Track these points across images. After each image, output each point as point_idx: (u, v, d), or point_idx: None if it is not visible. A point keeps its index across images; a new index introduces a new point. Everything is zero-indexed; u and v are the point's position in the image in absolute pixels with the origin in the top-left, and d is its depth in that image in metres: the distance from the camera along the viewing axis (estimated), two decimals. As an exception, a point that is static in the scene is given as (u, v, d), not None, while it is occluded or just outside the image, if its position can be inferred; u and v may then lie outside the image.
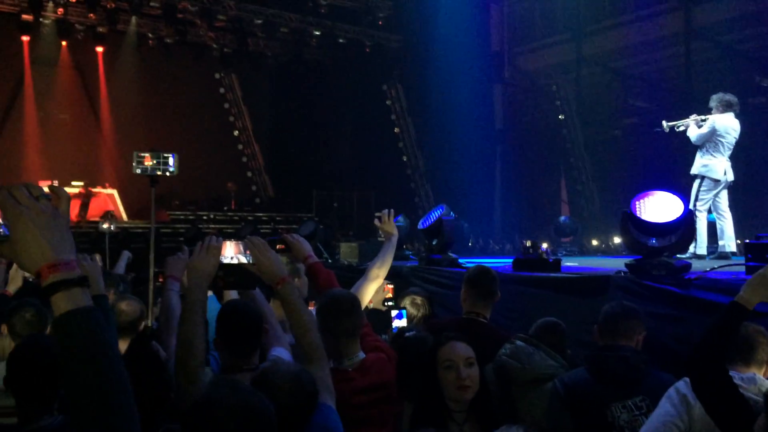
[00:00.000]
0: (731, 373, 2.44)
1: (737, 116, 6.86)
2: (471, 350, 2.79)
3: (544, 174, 17.68)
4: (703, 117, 6.98)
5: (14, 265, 3.76)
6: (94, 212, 14.84)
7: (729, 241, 6.59)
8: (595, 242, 12.31)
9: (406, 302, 4.00)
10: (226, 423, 1.54)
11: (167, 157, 3.68)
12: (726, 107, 6.78)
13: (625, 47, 15.88)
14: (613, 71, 16.71)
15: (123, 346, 3.18)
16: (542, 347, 3.08)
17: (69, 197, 1.38)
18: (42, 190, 1.34)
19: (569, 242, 9.86)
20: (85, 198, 15.25)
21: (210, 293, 3.82)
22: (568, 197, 17.22)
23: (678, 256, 6.05)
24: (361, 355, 2.89)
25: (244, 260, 2.60)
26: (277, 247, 3.91)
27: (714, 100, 6.88)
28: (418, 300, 3.98)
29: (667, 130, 7.32)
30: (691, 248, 6.83)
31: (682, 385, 2.53)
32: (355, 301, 2.99)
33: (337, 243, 9.25)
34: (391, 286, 4.02)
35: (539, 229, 13.86)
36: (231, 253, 2.59)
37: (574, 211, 16.34)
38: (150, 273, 3.91)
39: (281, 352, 2.88)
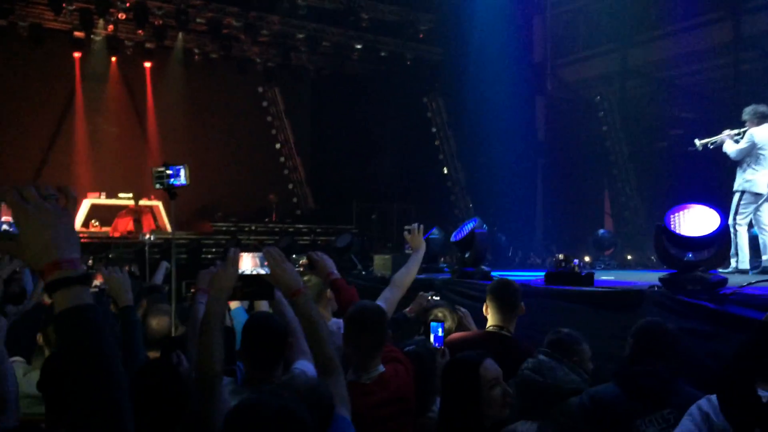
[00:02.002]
0: (759, 392, 2.37)
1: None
2: None
3: (587, 186, 17.38)
4: (737, 131, 6.81)
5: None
6: (146, 229, 15.26)
7: (773, 256, 6.38)
8: (637, 256, 12.03)
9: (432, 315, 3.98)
10: (267, 425, 1.58)
11: (178, 170, 3.77)
12: (761, 119, 6.60)
13: (671, 58, 15.55)
14: (659, 82, 16.37)
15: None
16: (565, 362, 3.03)
17: (76, 197, 1.42)
18: (51, 189, 1.38)
19: (609, 255, 9.67)
20: (136, 215, 15.66)
21: (239, 304, 3.90)
22: (612, 210, 16.91)
23: (720, 271, 5.91)
24: (381, 368, 2.90)
25: (263, 272, 2.63)
26: (301, 263, 3.97)
27: (747, 113, 6.70)
28: (440, 314, 3.96)
29: (701, 148, 7.16)
30: (734, 263, 6.65)
31: (705, 402, 2.47)
32: (382, 315, 3.00)
33: (374, 255, 9.26)
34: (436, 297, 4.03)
35: (581, 243, 13.62)
36: (249, 265, 2.63)
37: (618, 224, 16.02)
38: (172, 286, 3.99)
39: (305, 365, 2.90)
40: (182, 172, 3.77)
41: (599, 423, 2.76)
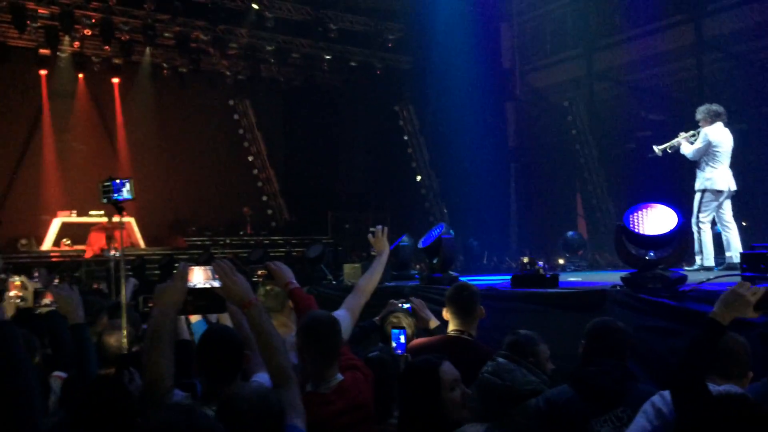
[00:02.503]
0: (711, 386, 2.41)
1: (726, 125, 6.82)
2: None
3: (559, 190, 17.54)
4: (692, 132, 6.95)
5: (5, 295, 3.83)
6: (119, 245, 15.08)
7: (736, 252, 6.48)
8: (609, 257, 12.15)
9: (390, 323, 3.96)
10: None
11: (122, 183, 3.75)
12: (714, 117, 6.75)
13: (637, 61, 15.80)
14: (625, 85, 16.62)
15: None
16: (524, 363, 3.04)
17: None
18: None
19: (580, 257, 9.78)
20: (109, 232, 15.49)
21: (200, 318, 3.86)
22: (584, 212, 17.07)
23: (686, 268, 6.00)
24: (339, 377, 2.88)
25: (216, 284, 2.61)
26: (259, 273, 3.95)
27: (701, 113, 6.85)
28: (394, 319, 3.93)
29: (660, 153, 7.31)
30: (699, 261, 6.75)
31: (657, 398, 2.50)
32: (334, 324, 2.97)
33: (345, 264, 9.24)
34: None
35: (555, 245, 13.74)
36: (200, 278, 2.61)
37: (590, 225, 16.18)
38: (122, 300, 3.97)
39: (264, 378, 2.88)
40: (125, 187, 3.73)
41: (555, 425, 2.78)
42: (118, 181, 3.71)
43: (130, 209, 16.02)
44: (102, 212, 15.71)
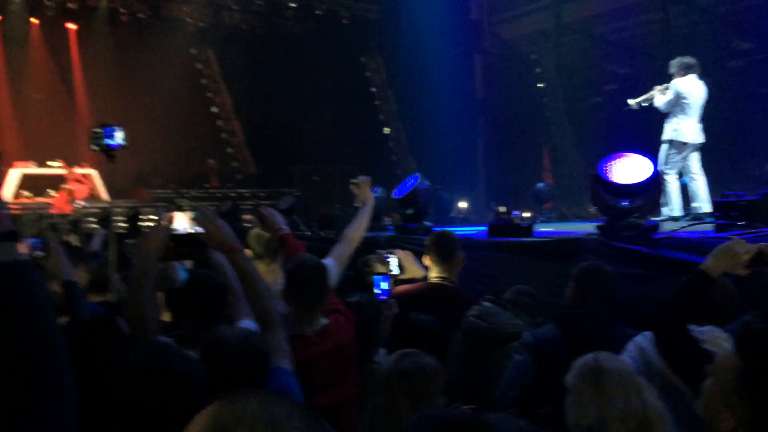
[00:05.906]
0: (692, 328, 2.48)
1: (700, 77, 6.89)
2: None
3: (526, 143, 17.66)
4: (666, 85, 7.01)
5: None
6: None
7: (703, 203, 6.63)
8: (576, 209, 12.36)
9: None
10: (144, 387, 1.54)
11: (113, 130, 3.65)
12: (686, 69, 6.82)
13: (604, 13, 15.83)
14: (593, 38, 16.64)
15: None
16: (509, 307, 3.10)
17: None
18: None
19: (549, 209, 9.90)
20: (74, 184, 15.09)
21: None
22: (550, 165, 17.26)
23: (653, 219, 6.12)
24: (323, 320, 2.91)
25: (200, 230, 2.57)
26: (246, 218, 3.91)
27: (673, 66, 6.92)
28: (367, 268, 3.89)
29: (636, 107, 7.37)
30: (666, 211, 6.89)
31: (640, 338, 2.57)
32: (321, 270, 2.98)
33: (319, 216, 9.18)
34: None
35: (522, 198, 13.88)
36: (184, 224, 2.56)
37: (556, 178, 16.37)
38: (109, 252, 3.89)
39: (249, 325, 2.87)
40: (117, 133, 3.63)
41: (541, 360, 2.82)
42: (110, 127, 3.61)
43: (93, 161, 15.61)
44: (60, 163, 15.29)
